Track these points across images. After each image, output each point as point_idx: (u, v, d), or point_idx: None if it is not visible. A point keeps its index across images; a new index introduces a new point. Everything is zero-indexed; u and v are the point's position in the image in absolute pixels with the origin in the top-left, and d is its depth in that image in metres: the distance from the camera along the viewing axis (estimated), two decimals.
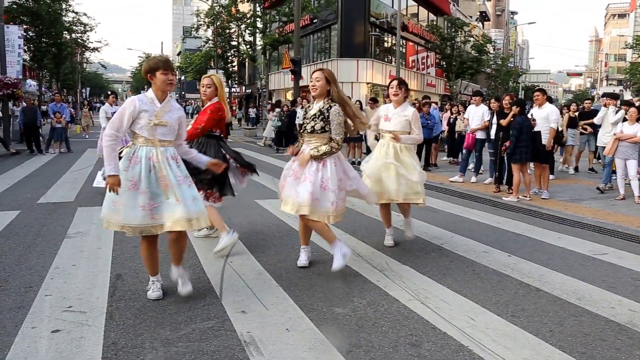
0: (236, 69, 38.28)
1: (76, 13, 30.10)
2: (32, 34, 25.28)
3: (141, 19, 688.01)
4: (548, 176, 7.94)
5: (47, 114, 16.45)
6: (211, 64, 35.11)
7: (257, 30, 26.98)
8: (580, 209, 6.84)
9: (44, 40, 26.65)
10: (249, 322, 3.07)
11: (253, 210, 6.35)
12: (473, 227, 5.79)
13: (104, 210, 3.17)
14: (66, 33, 30.43)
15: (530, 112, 8.10)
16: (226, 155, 4.49)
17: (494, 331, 3.01)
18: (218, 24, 30.28)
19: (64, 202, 6.79)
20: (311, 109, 3.95)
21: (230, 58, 34.48)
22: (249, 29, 27.93)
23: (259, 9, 27.46)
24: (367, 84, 29.75)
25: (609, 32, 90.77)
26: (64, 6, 28.08)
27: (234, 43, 32.74)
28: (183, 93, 59.65)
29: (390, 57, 32.42)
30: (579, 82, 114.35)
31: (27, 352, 2.65)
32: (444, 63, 35.00)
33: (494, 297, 3.59)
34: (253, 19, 27.24)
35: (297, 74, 17.90)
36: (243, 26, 28.62)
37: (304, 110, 4.11)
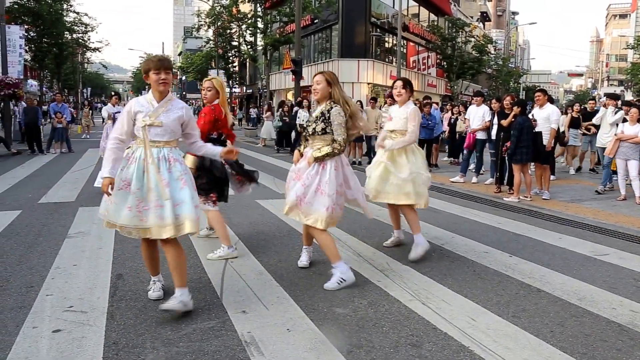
0: (237, 69, 38.31)
1: (77, 13, 30.19)
2: (33, 34, 25.32)
3: (141, 19, 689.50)
4: (549, 177, 7.94)
5: (48, 114, 16.44)
6: (212, 64, 35.18)
7: (258, 31, 27.02)
8: (581, 209, 6.84)
9: (45, 40, 26.69)
10: (250, 322, 3.07)
11: (254, 211, 6.35)
12: (474, 228, 5.79)
13: (100, 208, 3.21)
14: (67, 33, 30.49)
15: (531, 113, 8.09)
16: (222, 160, 4.37)
17: (494, 332, 3.01)
18: (219, 24, 30.35)
19: (65, 202, 6.80)
20: (314, 111, 3.95)
21: (231, 58, 34.54)
22: (249, 29, 27.99)
23: (259, 9, 27.49)
24: (367, 84, 29.74)
25: (610, 33, 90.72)
26: (65, 6, 28.14)
27: (234, 43, 32.82)
28: (184, 93, 59.68)
29: (391, 58, 32.42)
30: (580, 82, 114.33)
31: (28, 352, 2.65)
32: (444, 63, 35.00)
33: (494, 297, 3.59)
34: (254, 19, 27.28)
35: (298, 74, 17.90)
36: (244, 26, 28.69)
37: (305, 110, 4.10)
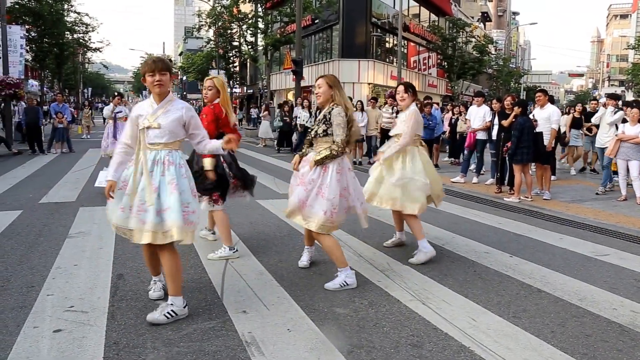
0: (238, 69, 38.33)
1: (78, 13, 30.22)
2: (34, 34, 25.36)
3: (141, 19, 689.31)
4: (549, 177, 7.93)
5: (49, 114, 16.44)
6: (213, 64, 35.16)
7: (259, 31, 27.01)
8: (581, 209, 6.83)
9: (46, 40, 26.73)
10: (250, 322, 3.07)
11: (254, 211, 6.35)
12: (474, 228, 5.79)
13: (107, 208, 3.26)
14: (68, 33, 30.51)
15: (532, 113, 8.08)
16: (221, 159, 4.27)
17: (495, 332, 3.01)
18: (219, 24, 30.37)
19: (65, 202, 6.81)
20: (318, 114, 3.91)
21: (231, 58, 34.54)
22: (250, 29, 27.97)
23: (260, 9, 27.49)
24: (368, 84, 29.74)
25: (611, 33, 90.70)
26: (66, 6, 28.17)
27: (235, 43, 32.82)
28: (185, 93, 59.77)
29: (392, 58, 32.42)
30: (580, 83, 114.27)
31: (29, 352, 2.66)
32: (445, 64, 34.99)
33: (495, 297, 3.59)
34: (254, 19, 27.28)
35: (298, 75, 17.90)
36: (244, 26, 28.67)
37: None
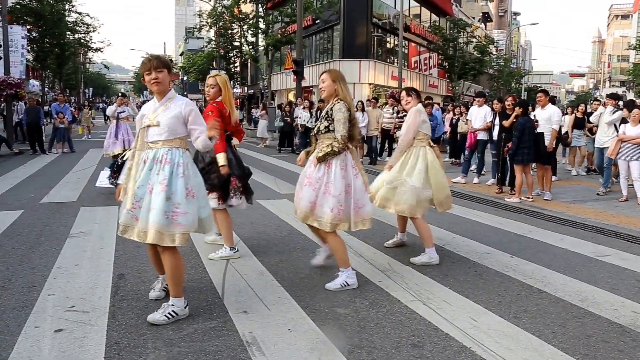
0: (238, 69, 38.32)
1: (79, 13, 30.26)
2: (35, 35, 25.42)
3: (141, 19, 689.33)
4: (550, 177, 7.93)
5: (50, 114, 16.45)
6: (213, 64, 35.17)
7: (260, 31, 27.03)
8: (582, 210, 6.83)
9: (47, 40, 26.79)
10: (251, 322, 3.07)
11: (255, 211, 6.35)
12: (475, 228, 5.79)
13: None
14: (69, 33, 30.57)
15: (533, 113, 8.08)
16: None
17: (496, 332, 3.01)
18: (220, 24, 30.39)
19: (66, 202, 6.81)
20: (322, 111, 3.90)
21: (232, 59, 34.56)
22: (251, 29, 28.01)
23: (261, 9, 27.52)
24: (369, 84, 29.76)
25: (612, 33, 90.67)
26: (67, 7, 28.21)
27: (236, 44, 32.84)
28: (185, 93, 59.77)
29: (393, 58, 32.43)
30: (581, 83, 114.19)
31: (30, 352, 2.66)
32: (446, 64, 35.02)
33: (496, 298, 3.58)
34: (255, 19, 27.31)
35: (299, 75, 17.91)
36: (245, 27, 28.70)
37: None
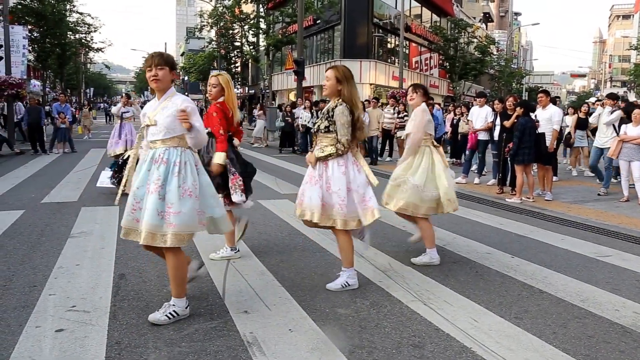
0: (239, 69, 38.35)
1: (81, 14, 30.28)
2: (36, 35, 25.45)
3: (141, 19, 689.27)
4: (551, 177, 7.92)
5: (51, 114, 16.46)
6: (214, 64, 35.21)
7: (261, 31, 27.03)
8: (583, 210, 6.82)
9: (48, 40, 26.82)
10: (252, 322, 3.07)
11: (255, 211, 6.35)
12: (476, 229, 5.78)
13: None
14: (70, 33, 30.60)
15: (534, 114, 8.07)
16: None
17: (497, 333, 3.01)
18: (221, 24, 30.39)
19: (67, 202, 6.82)
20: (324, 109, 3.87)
21: (233, 59, 34.59)
22: (252, 29, 28.00)
23: (262, 9, 27.52)
24: (370, 85, 29.76)
25: (613, 34, 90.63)
26: (68, 7, 28.24)
27: (237, 44, 32.86)
28: (186, 94, 59.80)
29: (394, 58, 32.42)
30: (582, 83, 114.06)
31: (31, 351, 2.66)
32: (447, 64, 35.01)
33: (497, 298, 3.58)
34: (256, 19, 27.30)
35: (300, 75, 17.90)
36: (246, 27, 28.70)
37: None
